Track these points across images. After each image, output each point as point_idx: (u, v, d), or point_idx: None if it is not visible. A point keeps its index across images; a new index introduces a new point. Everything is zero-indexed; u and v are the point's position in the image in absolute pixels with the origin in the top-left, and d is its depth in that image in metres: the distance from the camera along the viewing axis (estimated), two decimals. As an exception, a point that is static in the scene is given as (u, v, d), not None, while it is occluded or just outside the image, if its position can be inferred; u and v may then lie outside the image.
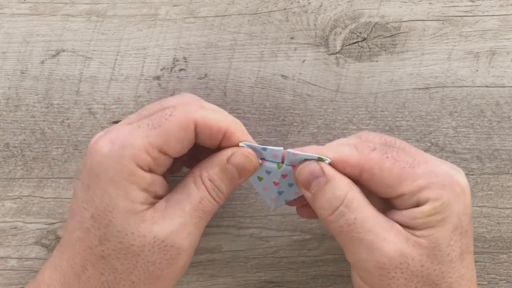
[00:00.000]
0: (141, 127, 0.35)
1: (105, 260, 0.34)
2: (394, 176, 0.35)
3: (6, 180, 0.44)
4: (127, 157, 0.34)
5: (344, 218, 0.35)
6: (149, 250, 0.34)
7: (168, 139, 0.34)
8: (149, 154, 0.34)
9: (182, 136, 0.35)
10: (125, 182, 0.34)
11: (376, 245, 0.34)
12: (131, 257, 0.34)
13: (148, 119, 0.35)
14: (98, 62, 0.44)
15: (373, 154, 0.35)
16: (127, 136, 0.34)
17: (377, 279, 0.34)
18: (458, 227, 0.35)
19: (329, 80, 0.44)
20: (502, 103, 0.44)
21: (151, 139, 0.34)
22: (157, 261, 0.34)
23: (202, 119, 0.35)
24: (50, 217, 0.44)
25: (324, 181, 0.35)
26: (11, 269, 0.44)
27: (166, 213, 0.35)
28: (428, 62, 0.44)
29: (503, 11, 0.44)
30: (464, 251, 0.35)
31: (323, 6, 0.44)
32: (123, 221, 0.34)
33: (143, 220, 0.34)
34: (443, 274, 0.34)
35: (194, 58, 0.44)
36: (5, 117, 0.44)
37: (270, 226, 0.44)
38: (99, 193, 0.34)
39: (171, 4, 0.44)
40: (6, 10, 0.44)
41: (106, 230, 0.34)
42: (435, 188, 0.34)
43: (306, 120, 0.44)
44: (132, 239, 0.34)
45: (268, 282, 0.45)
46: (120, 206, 0.34)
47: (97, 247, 0.34)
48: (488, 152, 0.44)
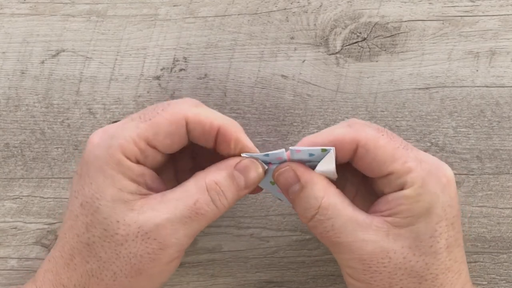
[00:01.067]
0: (133, 120, 0.35)
1: (90, 247, 0.35)
2: (388, 153, 0.35)
3: (6, 180, 0.44)
4: (114, 147, 0.34)
5: (322, 225, 0.35)
6: (133, 240, 0.34)
7: (156, 132, 0.35)
8: (136, 145, 0.35)
9: (171, 130, 0.35)
10: (112, 171, 0.34)
11: (356, 246, 0.35)
12: (115, 246, 0.34)
13: (142, 112, 0.36)
14: (98, 62, 0.44)
15: (368, 130, 0.36)
16: (118, 128, 0.35)
17: (362, 274, 0.35)
18: (443, 218, 0.35)
19: (329, 80, 0.44)
20: (502, 103, 0.44)
21: (140, 130, 0.35)
22: (138, 253, 0.34)
23: (194, 115, 0.35)
24: (50, 217, 0.44)
25: (299, 188, 0.36)
26: (11, 269, 0.44)
27: (157, 206, 0.35)
28: (428, 62, 0.44)
29: (503, 11, 0.44)
30: (451, 243, 0.35)
31: (323, 6, 0.44)
32: (110, 208, 0.34)
33: (131, 209, 0.34)
34: (427, 265, 0.35)
35: (194, 58, 0.44)
36: (5, 117, 0.44)
37: (270, 226, 0.44)
38: (88, 180, 0.35)
39: (171, 4, 0.44)
40: (6, 10, 0.44)
41: (93, 217, 0.34)
42: (423, 174, 0.35)
43: (306, 120, 0.44)
44: (116, 227, 0.34)
45: (268, 282, 0.45)
46: (107, 194, 0.34)
47: (84, 234, 0.35)
48: (488, 152, 0.44)
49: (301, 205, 0.36)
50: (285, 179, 0.36)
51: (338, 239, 0.35)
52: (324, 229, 0.35)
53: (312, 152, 0.36)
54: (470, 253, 0.44)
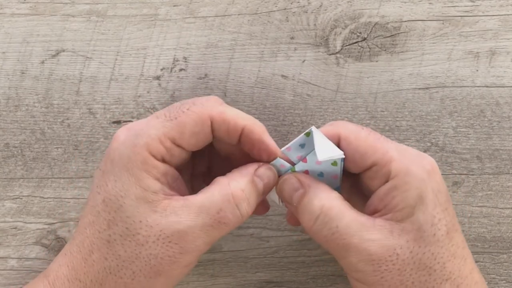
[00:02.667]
0: (158, 117, 0.36)
1: (110, 244, 0.35)
2: (368, 144, 0.36)
3: (6, 180, 0.44)
4: (140, 145, 0.34)
5: (327, 227, 0.35)
6: (153, 242, 0.34)
7: (182, 131, 0.35)
8: (162, 144, 0.35)
9: (197, 130, 0.35)
10: (138, 169, 0.34)
11: (362, 247, 0.34)
12: (135, 245, 0.34)
13: (166, 110, 0.36)
14: (98, 62, 0.44)
15: (349, 126, 0.37)
16: (143, 125, 0.35)
17: (371, 276, 0.35)
18: (437, 204, 0.35)
19: (329, 80, 0.44)
20: (502, 103, 0.44)
21: (166, 129, 0.35)
22: (159, 255, 0.34)
23: (219, 114, 0.36)
24: (50, 217, 0.44)
25: (302, 193, 0.36)
26: (11, 269, 0.44)
27: (180, 211, 0.35)
28: (428, 62, 0.44)
29: (503, 11, 0.44)
30: (450, 229, 0.35)
31: (323, 6, 0.44)
32: (133, 207, 0.34)
33: (154, 211, 0.34)
34: (434, 255, 0.35)
35: (194, 58, 0.44)
36: (5, 117, 0.44)
37: (270, 226, 0.44)
38: (112, 178, 0.35)
39: (171, 4, 0.44)
40: (6, 10, 0.44)
41: (116, 214, 0.34)
42: (406, 162, 0.35)
43: (306, 120, 0.44)
44: (139, 227, 0.34)
45: (268, 282, 0.45)
46: (131, 192, 0.34)
47: (105, 231, 0.35)
48: (488, 152, 0.44)
49: (304, 209, 0.36)
50: (289, 186, 0.37)
51: (344, 241, 0.35)
52: (329, 231, 0.35)
53: (300, 142, 0.37)
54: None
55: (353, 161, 0.36)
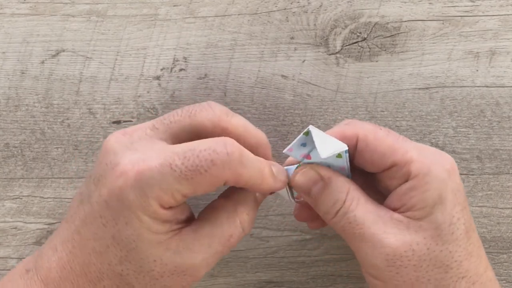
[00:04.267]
0: (173, 169, 0.33)
1: (122, 277, 0.35)
2: (388, 144, 0.35)
3: (6, 180, 0.44)
4: (152, 198, 0.33)
5: (345, 217, 0.35)
6: (168, 276, 0.35)
7: (196, 191, 0.34)
8: (174, 199, 0.33)
9: (210, 190, 0.34)
10: (148, 218, 0.33)
11: (378, 238, 0.34)
12: (149, 279, 0.34)
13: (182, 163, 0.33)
14: (98, 62, 0.44)
15: (366, 125, 0.36)
16: (157, 174, 0.32)
17: (386, 271, 0.35)
18: (457, 204, 0.35)
19: (329, 80, 0.44)
20: (502, 103, 0.44)
21: (180, 187, 0.33)
22: (173, 286, 0.35)
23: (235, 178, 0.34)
24: (50, 217, 0.44)
25: (323, 186, 0.36)
26: (11, 269, 0.44)
27: (192, 245, 0.35)
28: (428, 62, 0.44)
29: (503, 11, 0.44)
30: (468, 228, 0.35)
31: (323, 6, 0.44)
32: (146, 250, 0.34)
33: (167, 249, 0.34)
34: (451, 253, 0.35)
35: (194, 58, 0.44)
36: (5, 117, 0.44)
37: (270, 226, 0.44)
38: (123, 220, 0.33)
39: (171, 4, 0.44)
40: (6, 10, 0.44)
41: (128, 254, 0.34)
42: (426, 162, 0.35)
43: (306, 120, 0.44)
44: (153, 265, 0.34)
45: (268, 282, 0.45)
46: (143, 237, 0.34)
47: (117, 265, 0.34)
48: (488, 152, 0.44)
49: (326, 201, 0.36)
50: (308, 178, 0.36)
51: (361, 230, 0.35)
52: (347, 220, 0.35)
53: (301, 142, 0.36)
54: (470, 253, 0.44)
55: (371, 162, 0.36)
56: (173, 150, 0.33)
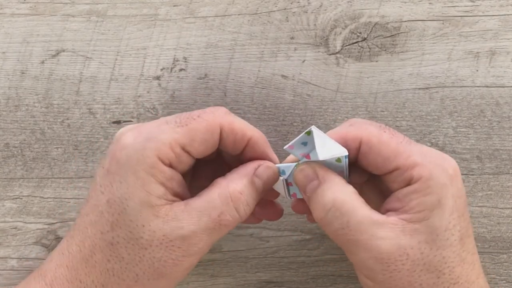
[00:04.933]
0: (168, 123, 0.35)
1: (113, 247, 0.35)
2: (391, 148, 0.35)
3: (6, 180, 0.44)
4: (150, 149, 0.34)
5: (338, 221, 0.35)
6: (157, 246, 0.34)
7: (193, 138, 0.35)
8: (172, 150, 0.35)
9: (207, 137, 0.35)
10: (145, 173, 0.34)
11: (372, 244, 0.34)
12: (139, 249, 0.34)
13: (176, 117, 0.36)
14: (98, 62, 0.44)
15: (371, 128, 0.36)
16: (153, 129, 0.35)
17: (380, 274, 0.35)
18: (455, 210, 0.35)
19: (329, 80, 0.44)
20: (502, 103, 0.44)
21: (177, 135, 0.35)
22: (162, 259, 0.35)
23: (228, 123, 0.36)
24: (50, 217, 0.44)
25: (317, 184, 0.36)
26: (11, 269, 0.44)
27: (181, 216, 0.35)
28: (428, 62, 0.44)
29: (503, 11, 0.44)
30: (464, 234, 0.35)
31: (323, 6, 0.44)
32: (136, 211, 0.34)
33: (156, 216, 0.34)
34: (445, 259, 0.34)
35: (194, 58, 0.44)
36: (5, 117, 0.44)
37: (270, 226, 0.44)
38: (118, 179, 0.34)
39: (171, 4, 0.44)
40: (6, 10, 0.44)
41: (119, 217, 0.34)
42: (429, 166, 0.35)
43: (306, 120, 0.44)
44: (142, 231, 0.34)
45: (268, 282, 0.45)
46: (136, 196, 0.34)
47: (108, 232, 0.35)
48: (488, 152, 0.44)
49: (317, 200, 0.36)
50: (305, 176, 0.37)
51: (354, 237, 0.35)
52: (340, 225, 0.35)
53: (302, 141, 0.36)
54: (470, 253, 0.44)
55: (374, 165, 0.36)
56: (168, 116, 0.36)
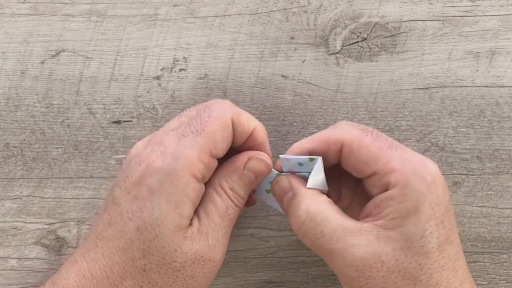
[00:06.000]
0: (186, 136, 0.35)
1: (146, 273, 0.35)
2: (371, 153, 0.36)
3: (6, 180, 0.44)
4: (181, 169, 0.34)
5: (312, 232, 0.35)
6: (190, 265, 0.35)
7: (215, 141, 0.35)
8: (202, 162, 0.35)
9: (225, 134, 0.36)
10: (178, 194, 0.34)
11: (347, 252, 0.35)
12: (172, 272, 0.35)
13: (189, 126, 0.36)
14: (98, 62, 0.44)
15: (353, 131, 0.37)
16: (177, 148, 0.35)
17: (356, 281, 0.35)
18: (432, 217, 0.35)
19: (329, 80, 0.44)
20: (502, 103, 0.44)
21: (200, 145, 0.35)
22: (195, 275, 0.35)
23: (236, 116, 0.36)
24: (50, 217, 0.44)
25: (291, 196, 0.37)
26: (11, 269, 0.44)
27: (202, 228, 0.36)
28: (428, 62, 0.44)
29: (503, 11, 0.44)
30: (442, 242, 0.35)
31: (323, 6, 0.44)
32: (168, 236, 0.34)
33: (185, 237, 0.35)
34: (421, 266, 0.34)
35: (194, 58, 0.44)
36: (5, 117, 0.44)
37: (270, 226, 0.44)
38: (150, 205, 0.34)
39: (171, 4, 0.44)
40: (6, 10, 0.44)
41: (151, 244, 0.34)
42: (406, 173, 0.35)
43: (306, 120, 0.44)
44: (175, 256, 0.35)
45: (268, 282, 0.45)
46: (169, 220, 0.34)
47: (140, 260, 0.35)
48: (488, 152, 0.44)
49: (292, 212, 0.36)
50: (280, 188, 0.37)
51: (329, 246, 0.35)
52: (314, 236, 0.35)
53: (300, 162, 0.37)
54: (470, 253, 0.44)
55: (355, 168, 0.36)
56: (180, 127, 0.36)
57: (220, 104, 0.36)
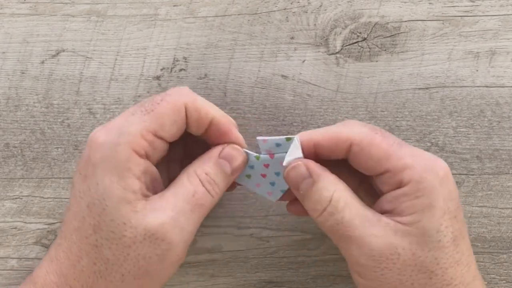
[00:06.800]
0: (134, 114, 0.35)
1: (98, 249, 0.35)
2: (382, 151, 0.36)
3: (6, 180, 0.44)
4: (123, 143, 0.34)
5: (333, 218, 0.35)
6: (140, 242, 0.34)
7: (162, 122, 0.35)
8: (144, 139, 0.35)
9: (175, 118, 0.36)
10: (120, 168, 0.34)
11: (365, 241, 0.35)
12: (122, 248, 0.34)
13: (140, 106, 0.36)
14: (98, 62, 0.44)
15: (362, 129, 0.37)
16: (121, 124, 0.35)
17: (371, 271, 0.35)
18: (446, 212, 0.35)
19: (329, 80, 0.44)
20: (502, 103, 0.44)
21: (146, 123, 0.35)
22: (147, 255, 0.35)
23: (192, 102, 0.36)
24: (50, 217, 0.44)
25: (311, 182, 0.36)
26: (11, 269, 0.44)
27: (158, 205, 0.35)
28: (428, 62, 0.44)
29: (503, 11, 0.44)
30: (457, 236, 0.35)
31: (323, 6, 0.44)
32: (115, 209, 0.34)
33: (135, 211, 0.34)
34: (437, 260, 0.35)
35: (194, 58, 0.44)
36: (5, 117, 0.44)
37: (270, 226, 0.44)
38: (95, 181, 0.35)
39: (171, 4, 0.44)
40: (6, 10, 0.44)
41: (100, 218, 0.34)
42: (419, 169, 0.35)
43: (306, 120, 0.44)
44: (123, 230, 0.34)
45: (268, 282, 0.45)
46: (113, 194, 0.34)
47: (91, 236, 0.35)
48: (488, 152, 0.44)
49: (312, 198, 0.36)
50: (298, 174, 0.37)
51: (348, 233, 0.35)
52: (335, 221, 0.35)
53: (278, 142, 0.37)
54: (470, 253, 0.44)
55: (365, 166, 0.36)
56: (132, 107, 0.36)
57: (177, 90, 0.37)
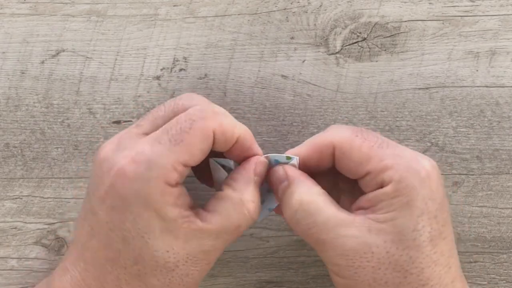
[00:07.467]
0: (162, 143, 0.34)
1: (141, 278, 0.35)
2: (363, 154, 0.36)
3: (6, 180, 0.44)
4: (155, 178, 0.34)
5: (304, 221, 0.36)
6: (183, 264, 0.35)
7: (192, 153, 0.35)
8: (176, 171, 0.34)
9: (204, 146, 0.35)
10: (157, 203, 0.34)
11: (338, 242, 0.35)
12: (166, 272, 0.35)
13: (167, 133, 0.35)
14: (98, 62, 0.44)
15: (343, 133, 0.37)
16: (151, 155, 0.34)
17: (346, 270, 0.35)
18: (425, 212, 0.35)
19: (329, 80, 0.44)
20: (502, 103, 0.44)
21: (176, 155, 0.34)
22: (190, 273, 0.35)
23: (219, 127, 0.35)
24: (50, 217, 0.44)
25: (286, 185, 0.37)
26: (11, 269, 0.44)
27: (200, 235, 0.35)
28: (428, 62, 0.44)
29: (503, 11, 0.44)
30: (435, 236, 0.35)
31: (323, 6, 0.44)
32: (158, 240, 0.34)
33: (177, 238, 0.35)
34: (412, 259, 0.34)
35: (194, 58, 0.44)
36: (5, 117, 0.44)
37: (270, 226, 0.44)
38: (131, 216, 0.34)
39: (171, 4, 0.44)
40: (6, 10, 0.44)
41: (141, 251, 0.34)
42: (400, 169, 0.35)
43: (306, 120, 0.44)
44: (167, 257, 0.34)
45: (268, 282, 0.45)
46: (154, 228, 0.34)
47: (132, 266, 0.35)
48: (488, 152, 0.44)
49: (286, 201, 0.37)
50: (276, 177, 0.38)
51: (321, 236, 0.35)
52: (307, 225, 0.36)
53: (278, 159, 0.38)
54: (470, 253, 0.44)
55: (348, 170, 0.37)
56: (156, 133, 0.35)
57: (201, 113, 0.35)
